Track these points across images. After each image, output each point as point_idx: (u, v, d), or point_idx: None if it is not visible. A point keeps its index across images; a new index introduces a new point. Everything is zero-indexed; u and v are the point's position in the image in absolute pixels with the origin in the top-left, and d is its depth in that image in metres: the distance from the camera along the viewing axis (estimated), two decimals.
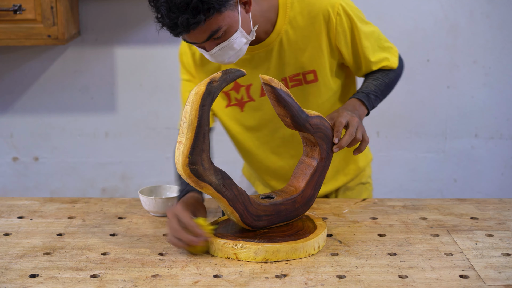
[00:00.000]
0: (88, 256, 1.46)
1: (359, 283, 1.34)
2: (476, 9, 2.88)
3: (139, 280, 1.35)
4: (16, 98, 2.93)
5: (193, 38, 1.52)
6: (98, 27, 2.84)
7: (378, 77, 1.77)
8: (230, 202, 1.44)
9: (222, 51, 1.56)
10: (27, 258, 1.45)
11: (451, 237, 1.57)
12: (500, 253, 1.49)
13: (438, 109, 2.99)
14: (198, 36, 1.51)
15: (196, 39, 1.52)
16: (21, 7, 2.47)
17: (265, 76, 1.45)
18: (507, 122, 3.00)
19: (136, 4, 2.81)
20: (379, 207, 1.78)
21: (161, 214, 1.70)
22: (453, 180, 3.07)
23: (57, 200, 1.82)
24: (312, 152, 1.56)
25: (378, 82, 1.75)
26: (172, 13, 1.45)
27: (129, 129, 2.98)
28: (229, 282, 1.34)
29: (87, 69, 2.90)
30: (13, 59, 2.88)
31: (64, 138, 2.98)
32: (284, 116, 1.50)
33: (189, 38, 1.53)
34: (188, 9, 1.44)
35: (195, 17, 1.45)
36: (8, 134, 2.97)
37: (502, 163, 3.05)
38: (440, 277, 1.37)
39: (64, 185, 3.02)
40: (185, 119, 1.38)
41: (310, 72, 1.72)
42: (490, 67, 2.94)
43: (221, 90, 1.41)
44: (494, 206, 1.78)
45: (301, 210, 1.56)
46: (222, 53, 1.56)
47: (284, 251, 1.44)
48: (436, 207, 1.78)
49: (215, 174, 1.41)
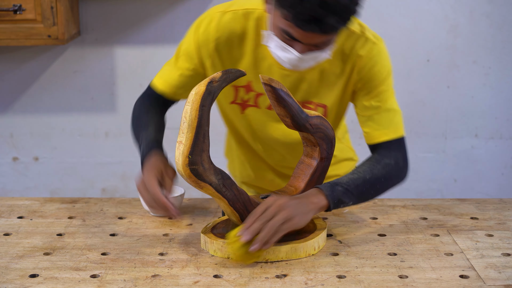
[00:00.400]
0: (88, 256, 1.46)
1: (359, 283, 1.34)
2: (476, 9, 2.88)
3: (139, 280, 1.35)
4: (16, 98, 2.93)
5: (307, 38, 1.43)
6: (98, 27, 2.84)
7: (359, 171, 1.55)
8: (230, 202, 1.44)
9: (310, 58, 1.48)
10: (27, 258, 1.45)
11: (451, 237, 1.57)
12: (500, 253, 1.49)
13: (438, 109, 2.99)
14: (314, 38, 1.42)
15: (308, 40, 1.43)
16: (21, 7, 2.47)
17: (265, 76, 1.45)
18: (507, 122, 3.00)
19: (136, 4, 2.81)
20: (379, 207, 1.78)
21: (161, 214, 1.70)
22: (453, 180, 3.07)
23: (57, 200, 1.82)
24: (312, 152, 1.56)
25: (355, 176, 1.54)
26: (322, 9, 1.35)
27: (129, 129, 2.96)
28: (229, 282, 1.34)
29: (87, 69, 2.90)
30: (13, 59, 2.88)
31: (64, 138, 2.98)
32: (284, 116, 1.50)
33: (302, 36, 1.43)
34: (341, 13, 1.37)
35: (340, 23, 1.39)
36: (8, 134, 2.97)
37: (502, 163, 3.05)
38: (440, 277, 1.37)
39: (64, 185, 3.03)
40: (185, 119, 1.37)
41: (322, 105, 1.66)
42: (490, 67, 2.94)
43: (221, 90, 1.41)
44: (494, 206, 1.78)
45: None
46: (307, 60, 1.49)
47: (284, 251, 1.44)
48: (436, 207, 1.78)
49: (215, 174, 1.41)
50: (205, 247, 1.49)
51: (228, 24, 1.61)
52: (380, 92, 1.62)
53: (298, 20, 1.38)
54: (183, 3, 2.79)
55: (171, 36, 2.81)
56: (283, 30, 1.44)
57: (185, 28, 1.77)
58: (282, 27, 1.44)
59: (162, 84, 1.70)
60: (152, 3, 2.80)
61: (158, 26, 2.82)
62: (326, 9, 1.36)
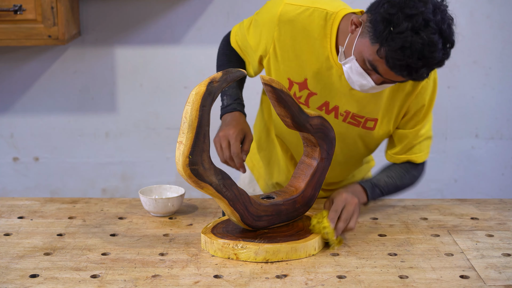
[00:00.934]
0: (89, 256, 1.46)
1: (359, 283, 1.34)
2: (477, 9, 2.88)
3: (139, 280, 1.35)
4: (16, 98, 2.93)
5: (391, 77, 1.48)
6: (98, 27, 2.84)
7: (393, 176, 1.71)
8: (230, 202, 1.44)
9: (380, 87, 1.54)
10: (28, 258, 1.45)
11: (452, 237, 1.57)
12: (501, 253, 1.49)
13: (438, 110, 2.98)
14: (396, 78, 1.48)
15: (390, 77, 1.48)
16: (22, 7, 2.47)
17: (265, 76, 1.45)
18: (507, 123, 3.00)
19: (136, 4, 2.81)
20: (380, 207, 1.78)
21: (161, 214, 1.70)
22: (454, 180, 3.07)
23: (57, 200, 1.82)
24: (313, 152, 1.56)
25: (390, 180, 1.70)
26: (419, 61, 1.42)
27: (129, 129, 2.98)
28: (230, 282, 1.34)
29: (88, 69, 2.90)
30: (14, 59, 2.88)
31: (65, 138, 2.98)
32: (284, 116, 1.50)
33: (388, 75, 1.48)
34: (433, 66, 1.46)
35: (428, 74, 1.47)
36: (8, 134, 2.97)
37: (503, 164, 3.05)
38: (440, 277, 1.37)
39: (65, 185, 3.02)
40: (185, 119, 1.37)
41: (373, 120, 1.68)
42: (491, 68, 2.94)
43: (221, 90, 1.41)
44: (494, 207, 1.78)
45: (301, 210, 1.56)
46: (378, 88, 1.54)
47: (284, 251, 1.44)
48: (437, 207, 1.78)
49: (215, 174, 1.41)
50: (205, 247, 1.49)
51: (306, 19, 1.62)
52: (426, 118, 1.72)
53: (392, 63, 1.42)
54: (183, 3, 2.79)
55: (171, 36, 2.81)
56: (369, 61, 1.47)
57: (185, 28, 1.77)
58: (370, 59, 1.47)
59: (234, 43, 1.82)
60: (152, 3, 2.80)
61: (158, 26, 2.81)
62: (423, 62, 1.42)
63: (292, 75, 1.65)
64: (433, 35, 1.41)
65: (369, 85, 1.51)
